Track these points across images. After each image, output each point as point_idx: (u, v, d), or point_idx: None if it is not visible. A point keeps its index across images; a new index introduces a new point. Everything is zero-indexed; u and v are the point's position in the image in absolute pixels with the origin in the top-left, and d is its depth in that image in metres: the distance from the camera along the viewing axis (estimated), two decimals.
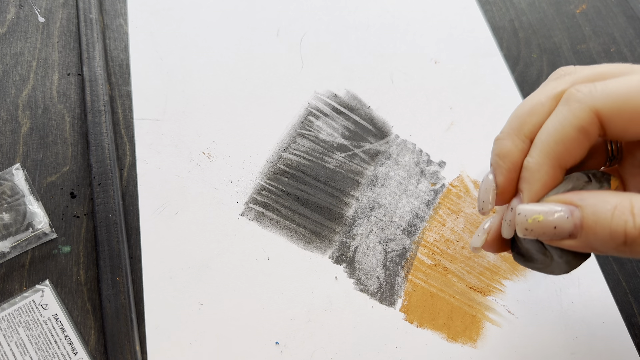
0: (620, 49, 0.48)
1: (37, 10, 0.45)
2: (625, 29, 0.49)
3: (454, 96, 0.44)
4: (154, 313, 0.34)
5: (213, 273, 0.35)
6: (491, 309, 0.36)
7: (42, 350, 0.32)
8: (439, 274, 0.37)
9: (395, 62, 0.45)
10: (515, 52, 0.47)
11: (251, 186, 0.39)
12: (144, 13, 0.46)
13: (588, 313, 0.36)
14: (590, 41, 0.48)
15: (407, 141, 0.42)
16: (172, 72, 0.43)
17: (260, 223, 0.37)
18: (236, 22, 0.46)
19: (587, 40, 0.48)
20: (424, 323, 0.35)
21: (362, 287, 0.36)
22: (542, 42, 0.48)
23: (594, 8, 0.50)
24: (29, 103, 0.41)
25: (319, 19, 0.47)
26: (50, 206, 0.37)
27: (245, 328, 0.34)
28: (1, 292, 0.34)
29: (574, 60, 0.47)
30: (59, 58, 0.43)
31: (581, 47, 0.48)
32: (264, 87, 0.43)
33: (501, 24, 0.49)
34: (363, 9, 0.48)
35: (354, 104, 0.43)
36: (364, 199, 0.39)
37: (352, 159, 0.40)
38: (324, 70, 0.44)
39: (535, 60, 0.47)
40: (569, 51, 0.47)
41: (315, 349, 0.33)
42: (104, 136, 0.39)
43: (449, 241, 0.38)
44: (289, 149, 0.40)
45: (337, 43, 0.46)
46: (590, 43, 0.48)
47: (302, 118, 0.42)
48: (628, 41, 0.48)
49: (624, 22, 0.49)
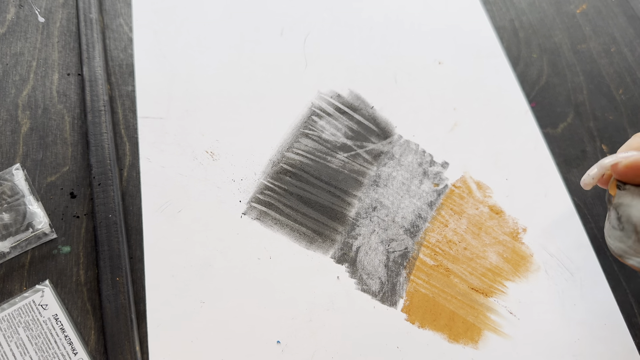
0: (620, 49, 0.47)
1: (37, 10, 0.45)
2: (626, 29, 0.49)
3: (457, 97, 0.44)
4: (155, 311, 0.34)
5: (215, 272, 0.35)
6: (493, 310, 0.36)
7: (42, 351, 0.32)
8: (441, 274, 0.37)
9: (399, 63, 0.45)
10: (515, 52, 0.47)
11: (254, 185, 0.39)
12: (147, 12, 0.46)
13: (590, 315, 0.36)
14: (591, 41, 0.48)
15: (410, 141, 0.42)
16: (176, 71, 0.43)
17: (263, 222, 0.37)
18: (240, 21, 0.46)
19: (588, 40, 0.48)
20: (426, 324, 0.35)
21: (363, 287, 0.36)
22: (543, 42, 0.48)
23: (594, 8, 0.50)
24: (29, 103, 0.41)
25: (323, 19, 0.47)
26: (50, 206, 0.37)
27: (246, 327, 0.34)
28: (1, 292, 0.34)
29: (574, 60, 0.47)
30: (59, 58, 0.43)
31: (581, 47, 0.48)
32: (267, 86, 0.43)
33: (501, 24, 0.49)
34: (367, 10, 0.48)
35: (357, 104, 0.43)
36: (366, 199, 0.39)
37: (355, 159, 0.40)
38: (327, 70, 0.44)
39: (535, 60, 0.47)
40: (569, 51, 0.47)
41: (317, 349, 0.33)
42: (104, 136, 0.39)
43: (451, 242, 0.38)
44: (292, 148, 0.40)
45: (341, 43, 0.46)
46: (591, 43, 0.48)
47: (306, 118, 0.42)
48: (628, 41, 0.48)
49: (624, 22, 0.49)
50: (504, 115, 0.43)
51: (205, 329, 0.34)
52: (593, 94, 0.45)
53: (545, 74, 0.46)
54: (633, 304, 0.37)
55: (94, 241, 0.36)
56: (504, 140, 0.42)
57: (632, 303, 0.37)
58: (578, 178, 0.41)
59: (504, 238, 0.38)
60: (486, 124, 0.43)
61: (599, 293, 0.37)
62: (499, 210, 0.39)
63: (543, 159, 0.42)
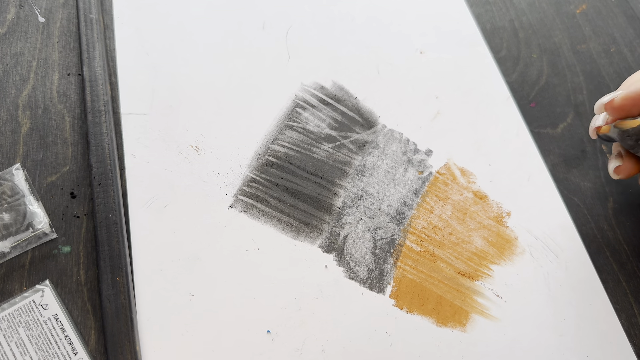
0: (620, 49, 0.48)
1: (37, 10, 0.45)
2: (625, 29, 0.49)
3: (439, 85, 0.45)
4: (145, 305, 0.34)
5: (203, 264, 0.35)
6: (480, 293, 0.36)
7: (42, 350, 0.32)
8: (427, 260, 0.37)
9: (381, 53, 0.46)
10: (515, 52, 0.47)
11: (240, 178, 0.39)
12: (129, 9, 0.46)
13: (575, 295, 0.37)
14: (590, 41, 0.48)
15: (394, 131, 0.42)
16: (159, 67, 0.43)
17: (250, 214, 0.38)
18: (222, 15, 0.47)
19: (587, 40, 0.48)
20: (414, 308, 0.35)
21: (351, 275, 0.36)
22: (542, 42, 0.48)
23: (594, 8, 0.50)
24: (29, 103, 0.41)
25: (305, 11, 0.48)
26: (50, 206, 0.37)
27: (236, 318, 0.34)
28: (1, 292, 0.34)
29: (574, 60, 0.47)
30: (59, 58, 0.43)
31: (581, 47, 0.48)
32: (250, 79, 0.43)
33: (501, 24, 0.49)
34: (348, 1, 0.49)
35: (340, 95, 0.43)
36: (352, 188, 0.39)
37: (339, 149, 0.41)
38: (310, 62, 0.45)
39: (535, 60, 0.47)
40: (569, 51, 0.47)
41: (307, 337, 0.34)
42: (104, 136, 0.38)
43: (437, 228, 0.38)
44: (276, 140, 0.41)
45: (323, 35, 0.46)
46: (590, 43, 0.48)
47: (290, 110, 0.42)
48: (628, 41, 0.48)
49: (624, 22, 0.49)
50: (485, 102, 0.44)
51: (195, 321, 0.34)
52: (593, 94, 0.45)
53: (545, 74, 0.46)
54: (633, 303, 0.37)
55: (94, 241, 0.36)
56: (487, 127, 0.43)
57: (632, 303, 0.37)
58: (578, 178, 0.41)
59: (488, 222, 0.39)
60: (468, 111, 0.43)
61: (584, 274, 0.38)
62: (483, 195, 0.40)
63: (525, 144, 0.42)
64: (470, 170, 0.41)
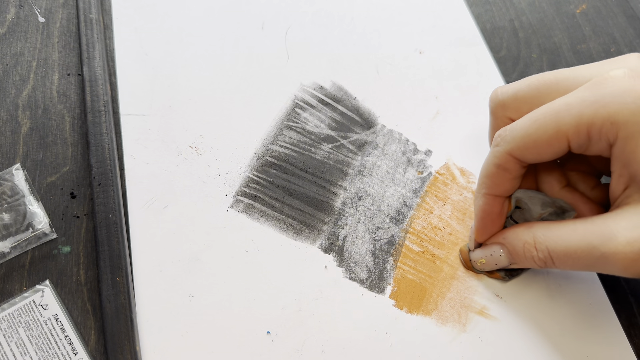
0: (620, 49, 0.48)
1: (37, 10, 0.45)
2: (625, 29, 0.49)
3: (439, 85, 0.45)
4: (145, 305, 0.34)
5: (203, 265, 0.35)
6: (480, 293, 0.36)
7: (42, 351, 0.32)
8: (427, 260, 0.37)
9: (380, 53, 0.46)
10: (515, 52, 0.47)
11: (239, 179, 0.39)
12: (128, 9, 0.46)
13: (575, 295, 0.37)
14: (590, 41, 0.48)
15: (393, 131, 0.42)
16: (158, 67, 0.43)
17: (249, 215, 0.38)
18: (221, 16, 0.47)
19: (587, 40, 0.48)
20: (414, 309, 0.35)
21: (351, 276, 0.36)
22: (542, 42, 0.48)
23: (594, 8, 0.50)
24: (29, 103, 0.41)
25: (304, 11, 0.48)
26: (50, 206, 0.37)
27: (236, 319, 0.34)
28: (1, 292, 0.34)
29: (574, 60, 0.47)
30: (59, 58, 0.43)
31: (581, 47, 0.48)
32: (250, 80, 0.43)
33: (501, 24, 0.49)
34: (347, 1, 0.49)
35: (340, 95, 0.43)
36: (351, 188, 0.39)
37: (339, 149, 0.41)
38: (309, 62, 0.45)
39: (535, 60, 0.47)
40: (569, 51, 0.47)
41: (307, 338, 0.34)
42: (104, 136, 0.38)
43: (436, 228, 0.38)
44: (276, 141, 0.41)
45: (322, 35, 0.46)
46: (590, 43, 0.48)
47: (289, 110, 0.42)
48: (628, 41, 0.48)
49: (624, 22, 0.49)
50: (485, 101, 0.44)
51: (195, 322, 0.34)
52: None
53: None
54: (633, 303, 0.37)
55: (94, 241, 0.36)
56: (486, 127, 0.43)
57: (632, 303, 0.37)
58: None
59: None
60: (468, 111, 0.43)
61: (584, 273, 0.38)
62: None
63: None
64: (470, 170, 0.41)
